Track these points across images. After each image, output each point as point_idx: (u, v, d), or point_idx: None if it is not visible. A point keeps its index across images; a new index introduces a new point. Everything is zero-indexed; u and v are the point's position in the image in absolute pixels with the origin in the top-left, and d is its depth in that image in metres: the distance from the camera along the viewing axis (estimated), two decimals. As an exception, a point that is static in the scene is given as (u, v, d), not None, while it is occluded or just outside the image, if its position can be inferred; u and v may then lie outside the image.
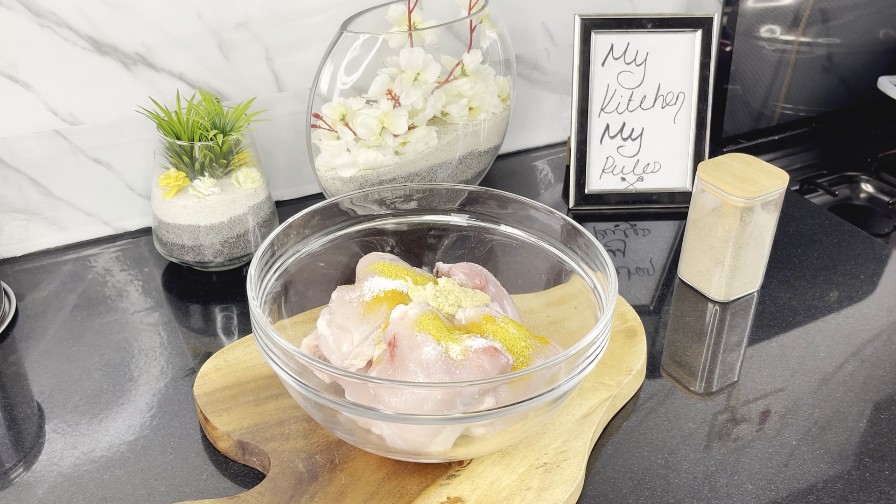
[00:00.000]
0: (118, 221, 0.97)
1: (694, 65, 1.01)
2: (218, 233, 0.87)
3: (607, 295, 0.67)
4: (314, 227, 0.76)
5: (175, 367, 0.78)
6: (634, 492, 0.66)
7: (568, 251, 0.75)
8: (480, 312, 0.67)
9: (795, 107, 1.22)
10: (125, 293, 0.88)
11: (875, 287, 0.91)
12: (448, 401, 0.58)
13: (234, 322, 0.85)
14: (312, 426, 0.69)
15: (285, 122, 1.00)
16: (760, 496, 0.66)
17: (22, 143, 0.88)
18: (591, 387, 0.73)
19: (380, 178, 0.90)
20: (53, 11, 0.84)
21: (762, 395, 0.76)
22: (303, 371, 0.61)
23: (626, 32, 1.00)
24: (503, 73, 0.98)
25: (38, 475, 0.67)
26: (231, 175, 0.88)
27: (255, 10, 0.93)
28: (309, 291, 0.76)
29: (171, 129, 0.85)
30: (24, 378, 0.77)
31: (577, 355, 0.61)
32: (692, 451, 0.70)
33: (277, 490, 0.63)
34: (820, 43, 1.17)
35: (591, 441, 0.69)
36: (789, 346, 0.82)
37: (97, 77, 0.89)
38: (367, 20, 0.91)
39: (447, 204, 0.80)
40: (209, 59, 0.93)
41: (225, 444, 0.69)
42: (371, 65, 0.88)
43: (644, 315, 0.86)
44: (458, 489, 0.64)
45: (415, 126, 0.89)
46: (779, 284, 0.91)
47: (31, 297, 0.87)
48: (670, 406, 0.75)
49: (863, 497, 0.66)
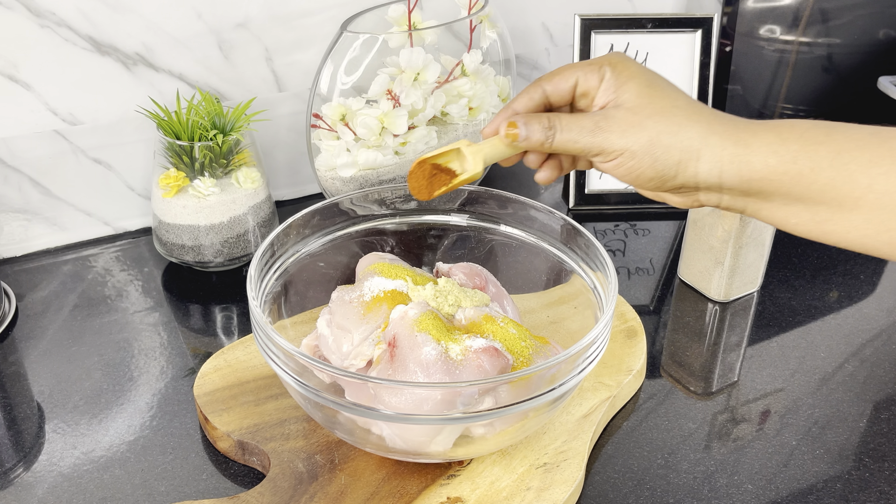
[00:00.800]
0: (118, 221, 0.97)
1: (694, 65, 1.01)
2: (218, 233, 0.87)
3: (607, 295, 0.67)
4: (314, 227, 0.76)
5: (175, 367, 0.78)
6: (634, 492, 0.66)
7: (568, 251, 0.75)
8: (480, 312, 0.67)
9: (795, 107, 1.22)
10: (125, 293, 0.88)
11: (875, 287, 0.91)
12: (448, 401, 0.58)
13: (234, 322, 0.85)
14: (312, 426, 0.69)
15: (285, 122, 1.00)
16: (760, 496, 0.66)
17: (22, 143, 0.88)
18: (591, 387, 0.73)
19: (380, 178, 0.90)
20: (53, 11, 0.84)
21: (762, 395, 0.76)
22: (303, 371, 0.61)
23: (626, 32, 1.00)
24: (503, 73, 0.98)
25: (38, 475, 0.67)
26: (231, 175, 0.88)
27: (255, 10, 0.93)
28: (309, 291, 0.76)
29: (171, 129, 0.85)
30: (24, 378, 0.77)
31: (577, 355, 0.61)
32: (692, 451, 0.70)
33: (277, 490, 0.63)
34: (820, 43, 1.17)
35: (591, 441, 0.69)
36: (789, 346, 0.82)
37: (97, 77, 0.89)
38: (367, 20, 0.91)
39: (447, 204, 0.80)
40: (209, 59, 0.93)
41: (225, 444, 0.69)
42: (371, 65, 0.88)
43: (644, 315, 0.86)
44: (458, 489, 0.64)
45: (415, 126, 0.89)
46: (779, 284, 0.91)
47: (31, 297, 0.87)
48: (670, 406, 0.75)
49: (863, 497, 0.66)
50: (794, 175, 0.54)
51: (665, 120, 0.57)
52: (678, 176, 0.57)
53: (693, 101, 0.58)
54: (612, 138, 0.57)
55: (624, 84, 0.58)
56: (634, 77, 0.58)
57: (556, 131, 0.59)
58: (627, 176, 0.58)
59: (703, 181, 0.57)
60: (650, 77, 0.59)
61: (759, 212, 0.58)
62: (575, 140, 0.58)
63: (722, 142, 0.56)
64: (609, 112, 0.58)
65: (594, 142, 0.58)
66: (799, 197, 0.55)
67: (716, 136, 0.56)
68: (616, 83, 0.58)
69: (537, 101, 0.61)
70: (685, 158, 0.56)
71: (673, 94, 0.58)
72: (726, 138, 0.56)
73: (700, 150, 0.56)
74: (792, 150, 0.54)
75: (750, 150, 0.55)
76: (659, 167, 0.57)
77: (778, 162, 0.54)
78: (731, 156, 0.56)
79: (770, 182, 0.55)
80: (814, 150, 0.54)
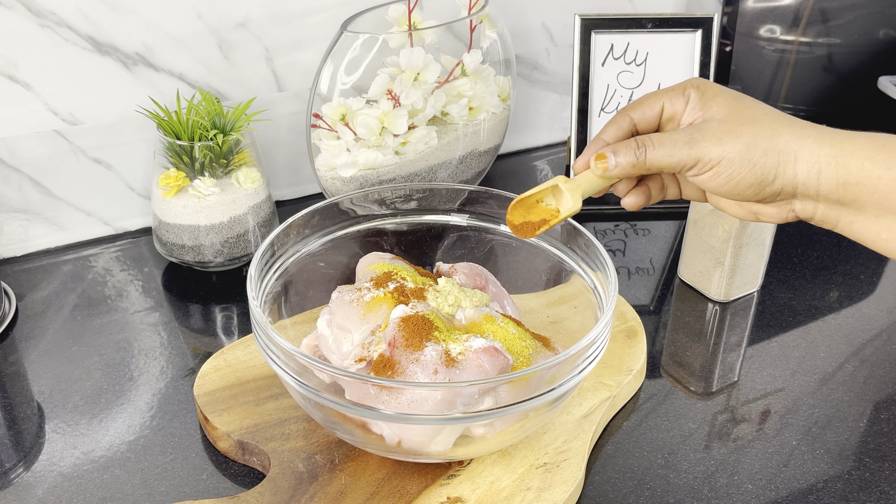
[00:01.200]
0: (118, 221, 0.97)
1: (694, 65, 1.01)
2: (218, 233, 0.87)
3: (607, 295, 0.67)
4: (314, 227, 0.76)
5: (175, 367, 0.78)
6: (634, 492, 0.66)
7: (568, 251, 0.75)
8: (480, 312, 0.67)
9: (795, 107, 1.22)
10: (125, 293, 0.88)
11: (875, 287, 0.91)
12: (448, 401, 0.58)
13: (234, 322, 0.85)
14: (312, 426, 0.69)
15: (285, 122, 1.00)
16: (760, 496, 0.66)
17: (22, 143, 0.88)
18: (591, 387, 0.73)
19: (380, 178, 0.90)
20: (53, 11, 0.84)
21: (762, 395, 0.76)
22: (303, 371, 0.61)
23: (626, 32, 1.00)
24: (503, 73, 0.98)
25: (38, 475, 0.67)
26: (231, 175, 0.88)
27: (255, 10, 0.93)
28: (309, 291, 0.76)
29: (171, 129, 0.85)
30: (24, 378, 0.77)
31: (577, 355, 0.61)
32: (692, 451, 0.70)
33: (277, 490, 0.63)
34: (820, 43, 1.17)
35: (591, 441, 0.69)
36: (789, 346, 0.82)
37: (97, 77, 0.89)
38: (367, 20, 0.91)
39: (447, 204, 0.80)
40: (209, 59, 0.93)
41: (225, 444, 0.69)
42: (371, 65, 0.88)
43: (644, 315, 0.86)
44: (458, 489, 0.64)
45: (415, 126, 0.89)
46: (779, 284, 0.91)
47: (31, 297, 0.87)
48: (670, 406, 0.75)
49: (863, 497, 0.66)
50: (888, 181, 0.54)
51: (759, 126, 0.57)
52: (777, 179, 0.57)
53: (782, 112, 0.59)
54: (708, 147, 0.57)
55: (711, 101, 0.59)
56: (720, 94, 0.59)
57: (648, 149, 0.59)
58: (727, 184, 0.58)
59: (801, 184, 0.57)
60: (735, 93, 0.60)
61: (851, 225, 0.58)
62: (670, 154, 0.59)
63: (818, 144, 0.56)
64: (701, 125, 0.59)
65: (690, 153, 0.58)
66: (893, 207, 0.55)
67: (811, 139, 0.56)
68: (702, 102, 0.59)
69: (626, 130, 0.62)
70: (783, 160, 0.56)
71: (761, 105, 0.59)
72: (822, 141, 0.56)
73: (797, 152, 0.56)
74: (889, 156, 0.54)
75: (846, 153, 0.55)
76: (758, 171, 0.57)
77: (873, 166, 0.54)
78: (829, 157, 0.56)
79: (865, 188, 0.55)
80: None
